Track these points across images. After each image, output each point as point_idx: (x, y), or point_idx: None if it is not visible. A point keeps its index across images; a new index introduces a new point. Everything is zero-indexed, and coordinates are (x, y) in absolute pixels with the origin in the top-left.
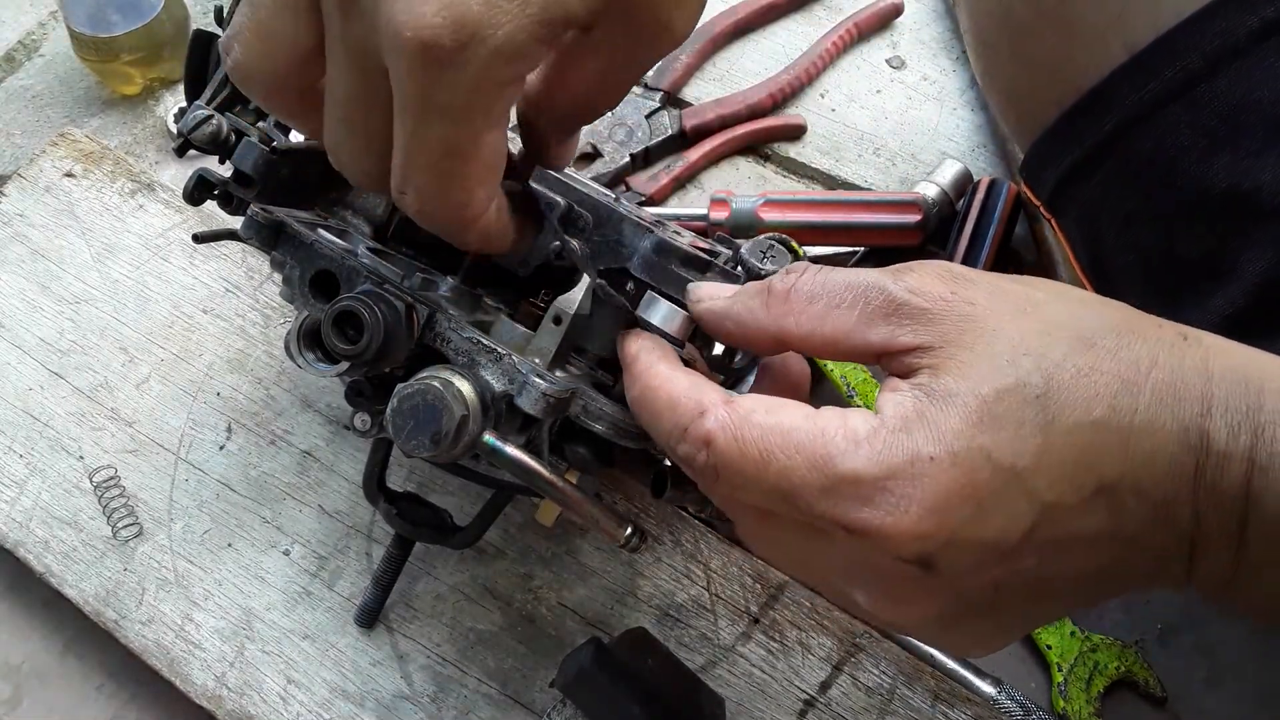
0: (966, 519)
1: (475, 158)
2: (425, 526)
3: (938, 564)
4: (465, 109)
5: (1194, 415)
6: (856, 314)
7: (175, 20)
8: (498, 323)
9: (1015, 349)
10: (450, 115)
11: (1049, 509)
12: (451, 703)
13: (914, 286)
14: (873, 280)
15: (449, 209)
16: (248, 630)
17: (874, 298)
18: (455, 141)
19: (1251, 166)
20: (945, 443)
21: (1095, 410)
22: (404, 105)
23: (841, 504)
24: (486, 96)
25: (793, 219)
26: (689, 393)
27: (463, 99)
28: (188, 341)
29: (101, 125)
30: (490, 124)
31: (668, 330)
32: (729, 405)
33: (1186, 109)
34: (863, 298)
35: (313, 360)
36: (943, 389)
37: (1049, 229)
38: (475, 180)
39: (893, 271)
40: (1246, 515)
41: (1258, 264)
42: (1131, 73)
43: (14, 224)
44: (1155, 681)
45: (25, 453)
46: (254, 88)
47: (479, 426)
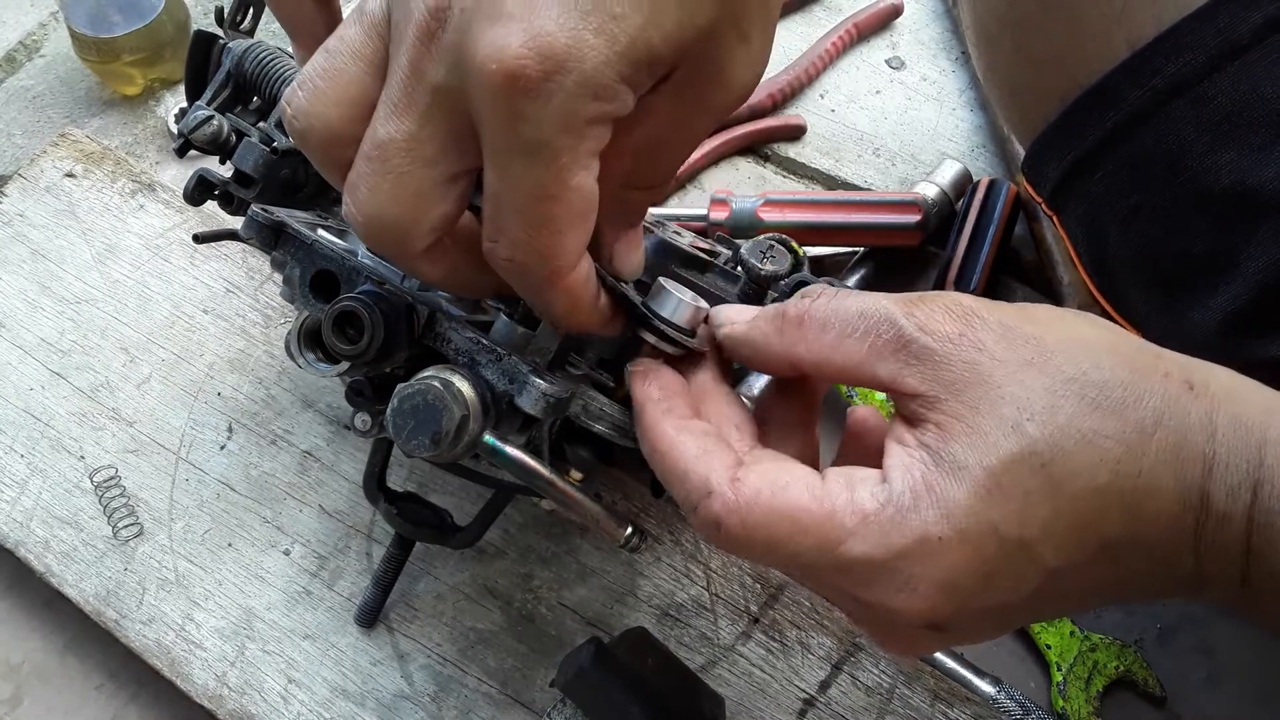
0: (974, 591)
1: (562, 200)
2: (425, 526)
3: (946, 627)
4: (551, 146)
5: (1195, 477)
6: (867, 346)
7: (176, 21)
8: (498, 323)
9: (1021, 410)
10: (537, 152)
11: (1054, 572)
12: (452, 702)
13: (924, 323)
14: (884, 312)
15: (536, 257)
16: (248, 630)
17: (884, 331)
18: (542, 181)
19: (1255, 163)
20: (954, 521)
21: (1100, 476)
22: (491, 146)
23: (852, 581)
24: (573, 133)
25: (793, 219)
26: (696, 466)
27: (548, 133)
28: (188, 341)
29: (102, 125)
30: (577, 164)
31: (678, 322)
32: (735, 485)
33: (1190, 105)
34: (874, 329)
35: (313, 360)
36: (950, 459)
37: (1049, 229)
38: (564, 224)
39: (905, 302)
40: (1248, 568)
41: (1260, 260)
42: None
43: (15, 224)
44: (1154, 681)
45: (26, 452)
46: (313, 138)
47: (479, 426)
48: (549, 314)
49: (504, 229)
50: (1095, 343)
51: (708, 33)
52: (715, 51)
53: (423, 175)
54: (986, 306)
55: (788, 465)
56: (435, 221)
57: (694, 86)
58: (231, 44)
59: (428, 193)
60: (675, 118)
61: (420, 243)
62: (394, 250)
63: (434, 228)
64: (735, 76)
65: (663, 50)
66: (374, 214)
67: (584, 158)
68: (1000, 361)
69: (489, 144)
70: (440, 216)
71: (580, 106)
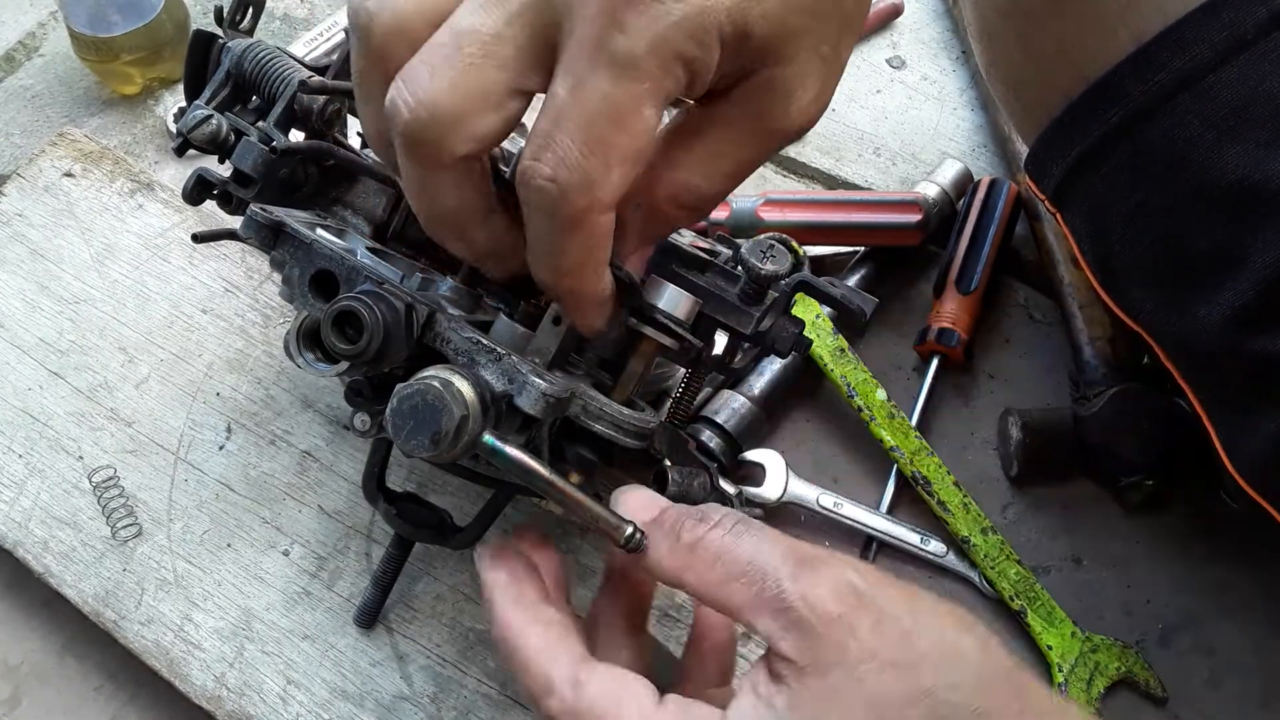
0: None
1: (628, 128)
2: (425, 526)
3: None
4: (639, 66)
5: None
6: (751, 595)
7: (175, 20)
8: (497, 322)
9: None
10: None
11: None
12: (451, 703)
13: (807, 594)
14: (773, 570)
15: (580, 181)
16: (247, 631)
17: (769, 588)
18: (617, 100)
19: (1262, 158)
20: None
21: None
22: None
23: None
24: (662, 61)
25: (793, 219)
26: (538, 660)
27: (640, 51)
28: (187, 341)
29: (101, 125)
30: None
31: (674, 313)
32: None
33: (1195, 100)
34: (760, 581)
35: (312, 360)
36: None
37: (1050, 228)
38: (619, 154)
39: (798, 563)
40: None
41: (1267, 256)
42: (1140, 63)
43: (13, 224)
44: (1156, 682)
45: (25, 453)
46: (378, 24)
47: (479, 426)
48: (559, 262)
49: (556, 144)
50: (965, 658)
51: (793, 35)
52: (791, 67)
53: (492, 74)
54: (875, 588)
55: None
56: (482, 130)
57: (762, 99)
58: (231, 43)
59: (489, 93)
60: (736, 131)
61: (461, 146)
62: (431, 148)
63: (479, 136)
64: (802, 99)
65: (757, 28)
66: (429, 99)
67: (659, 94)
68: (868, 653)
69: (571, 54)
70: (489, 127)
71: (677, 38)
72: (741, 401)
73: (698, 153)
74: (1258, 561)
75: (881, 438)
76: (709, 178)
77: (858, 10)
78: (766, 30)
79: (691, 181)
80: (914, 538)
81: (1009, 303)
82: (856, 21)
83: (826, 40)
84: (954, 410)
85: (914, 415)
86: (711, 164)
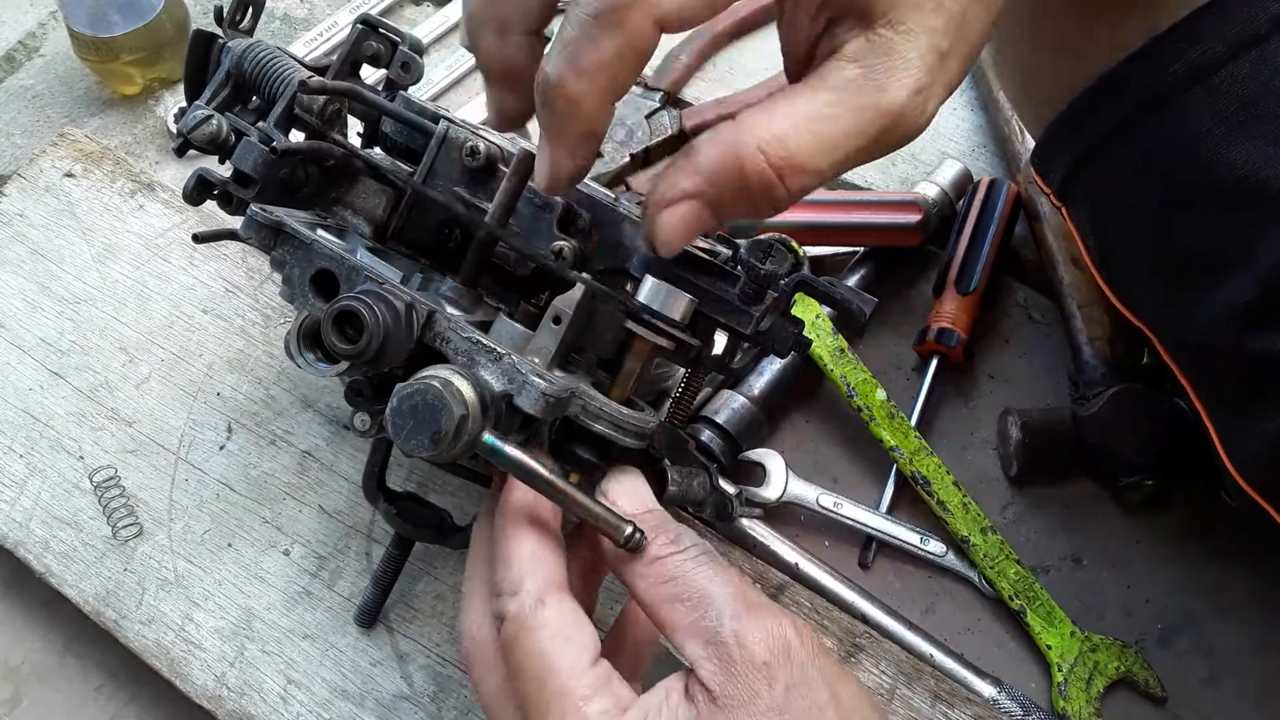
0: None
1: None
2: (425, 526)
3: None
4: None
5: None
6: (690, 619)
7: (175, 20)
8: (497, 322)
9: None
10: None
11: None
12: (452, 703)
13: (741, 636)
14: (718, 605)
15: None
16: (248, 630)
17: (709, 619)
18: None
19: (1270, 155)
20: None
21: None
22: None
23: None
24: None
25: (793, 219)
26: (520, 561)
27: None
28: (188, 341)
29: (101, 125)
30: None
31: (669, 314)
32: (536, 607)
33: (1204, 96)
34: (703, 609)
35: (312, 360)
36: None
37: (1050, 228)
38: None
39: (743, 605)
40: None
41: (1271, 255)
42: (1149, 57)
43: (14, 224)
44: (1155, 681)
45: (25, 453)
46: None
47: (478, 426)
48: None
49: None
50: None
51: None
52: (902, 36)
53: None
54: (809, 655)
55: (580, 627)
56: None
57: (866, 61)
58: (231, 43)
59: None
60: (837, 94)
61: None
62: None
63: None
64: (908, 78)
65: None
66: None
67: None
68: (777, 708)
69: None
70: None
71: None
72: (741, 401)
73: (794, 107)
74: (1257, 562)
75: (881, 438)
76: (800, 136)
77: (973, 30)
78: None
79: (785, 132)
80: (914, 537)
81: (1008, 303)
82: (970, 42)
83: (943, 34)
84: (954, 410)
85: (914, 415)
86: (806, 123)
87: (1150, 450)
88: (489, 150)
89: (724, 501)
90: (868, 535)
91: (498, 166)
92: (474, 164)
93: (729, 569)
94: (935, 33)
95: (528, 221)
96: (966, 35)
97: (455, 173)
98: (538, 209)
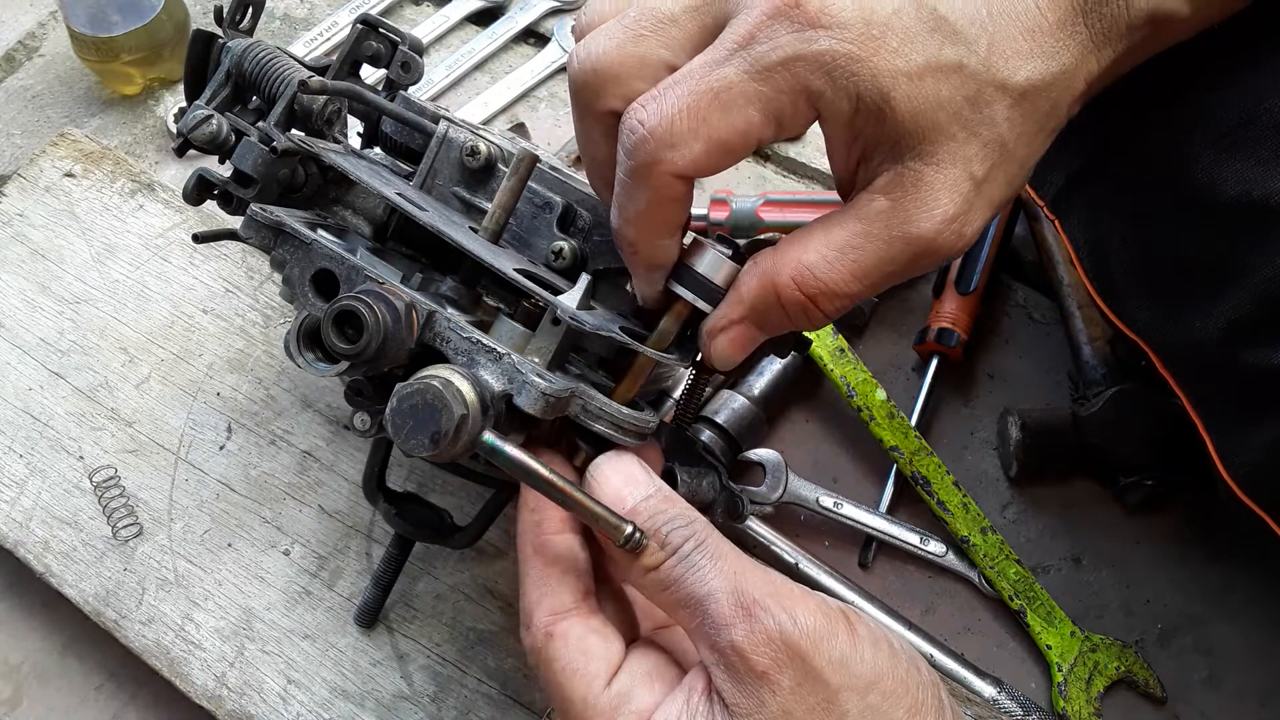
0: None
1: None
2: (425, 526)
3: None
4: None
5: None
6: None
7: (175, 20)
8: (497, 322)
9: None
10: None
11: None
12: (451, 702)
13: (738, 643)
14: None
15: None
16: (248, 630)
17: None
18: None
19: (1263, 175)
20: None
21: None
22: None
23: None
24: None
25: (792, 219)
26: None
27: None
28: (188, 341)
29: (101, 125)
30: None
31: (713, 279)
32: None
33: (1198, 114)
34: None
35: (312, 360)
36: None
37: (1050, 230)
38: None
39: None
40: None
41: (1265, 270)
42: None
43: (14, 224)
44: (1155, 681)
45: (25, 453)
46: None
47: (478, 426)
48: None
49: (664, 98)
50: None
51: (939, 132)
52: (933, 168)
53: (654, 48)
54: (813, 643)
55: (589, 656)
56: (635, 91)
57: (897, 193)
58: (231, 43)
59: (646, 62)
60: (868, 225)
61: (612, 101)
62: (589, 97)
63: (630, 96)
64: (939, 208)
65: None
66: (595, 55)
67: (773, 106)
68: (784, 712)
69: (722, 39)
70: (641, 90)
71: (810, 65)
72: (741, 401)
73: (828, 238)
74: (1256, 562)
75: (881, 437)
76: (835, 267)
77: (1020, 153)
78: (909, 111)
79: (816, 264)
80: (914, 537)
81: (1008, 303)
82: (1017, 163)
83: (979, 160)
84: (953, 410)
85: (913, 415)
86: (836, 252)
87: (1150, 450)
88: (489, 150)
89: (734, 500)
90: (867, 535)
91: (497, 167)
92: (474, 164)
93: (724, 558)
94: (970, 161)
95: (528, 221)
96: (1011, 156)
97: (455, 173)
98: (538, 209)
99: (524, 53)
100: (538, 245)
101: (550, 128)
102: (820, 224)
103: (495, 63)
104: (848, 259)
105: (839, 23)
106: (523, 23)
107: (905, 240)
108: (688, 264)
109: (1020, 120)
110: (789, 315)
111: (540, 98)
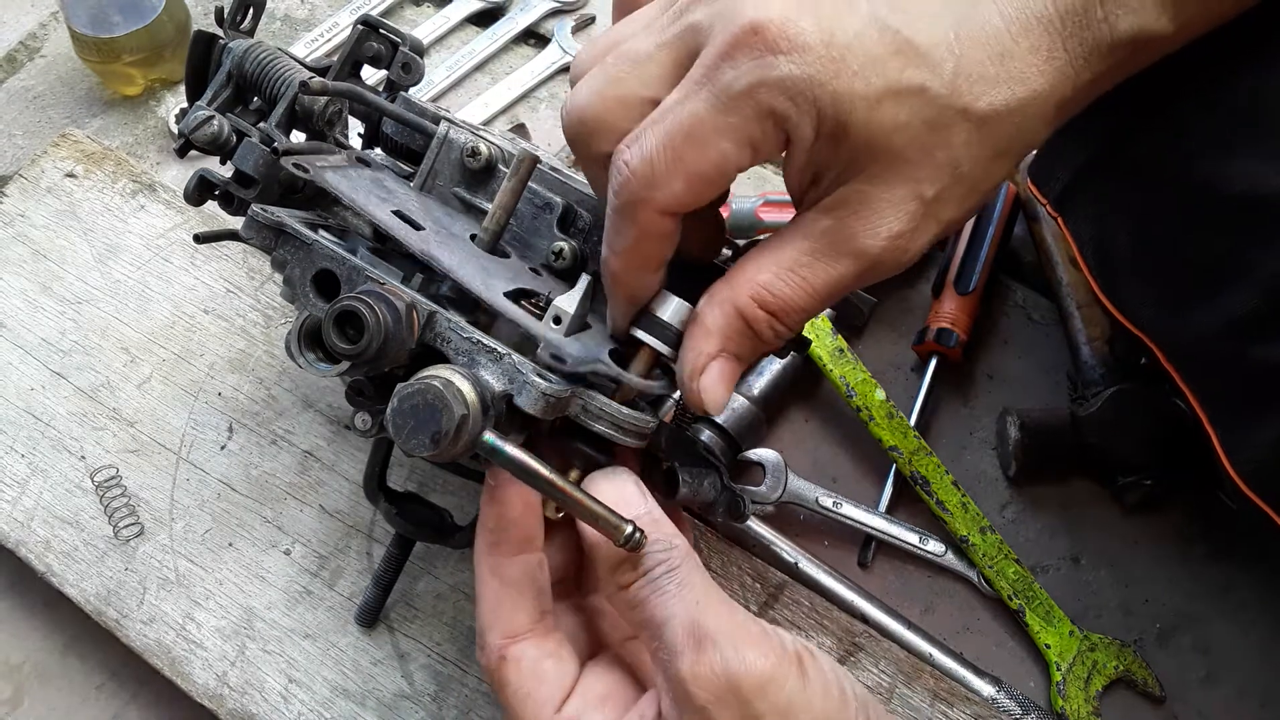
0: None
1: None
2: (425, 526)
3: None
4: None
5: None
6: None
7: (176, 21)
8: (498, 322)
9: None
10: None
11: None
12: (452, 702)
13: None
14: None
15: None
16: (249, 629)
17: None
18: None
19: (1269, 171)
20: None
21: None
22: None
23: None
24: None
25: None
26: (484, 613)
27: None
28: (189, 341)
29: (103, 126)
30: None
31: (675, 325)
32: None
33: (1203, 110)
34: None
35: (313, 360)
36: None
37: (1049, 229)
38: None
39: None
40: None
41: (1273, 266)
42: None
43: (15, 224)
44: (1153, 681)
45: (27, 452)
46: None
47: (479, 426)
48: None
49: (644, 139)
50: None
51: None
52: (882, 189)
53: (633, 87)
54: (758, 686)
55: (541, 681)
56: (624, 130)
57: (846, 212)
58: (232, 44)
59: (627, 101)
60: (819, 241)
61: (603, 144)
62: (582, 145)
63: (620, 135)
64: (885, 226)
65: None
66: (580, 106)
67: (743, 134)
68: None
69: (692, 72)
70: (629, 127)
71: (775, 91)
72: (741, 401)
73: (782, 255)
74: (1256, 561)
75: (880, 437)
76: (789, 283)
77: (975, 176)
78: (865, 134)
79: (771, 282)
80: (913, 537)
81: (1007, 303)
82: (969, 186)
83: (930, 182)
84: (952, 410)
85: (913, 415)
86: (792, 269)
87: (1149, 450)
88: (489, 151)
89: (736, 500)
90: (867, 535)
91: (498, 167)
92: (475, 165)
93: (691, 587)
94: (920, 182)
95: (528, 222)
96: (964, 179)
97: (456, 173)
98: (538, 209)
99: (524, 53)
100: (538, 246)
101: (550, 128)
102: (768, 246)
103: (496, 63)
104: (798, 276)
105: (798, 46)
106: (523, 23)
107: (852, 256)
108: (651, 311)
109: (979, 145)
110: (760, 336)
111: (540, 98)
